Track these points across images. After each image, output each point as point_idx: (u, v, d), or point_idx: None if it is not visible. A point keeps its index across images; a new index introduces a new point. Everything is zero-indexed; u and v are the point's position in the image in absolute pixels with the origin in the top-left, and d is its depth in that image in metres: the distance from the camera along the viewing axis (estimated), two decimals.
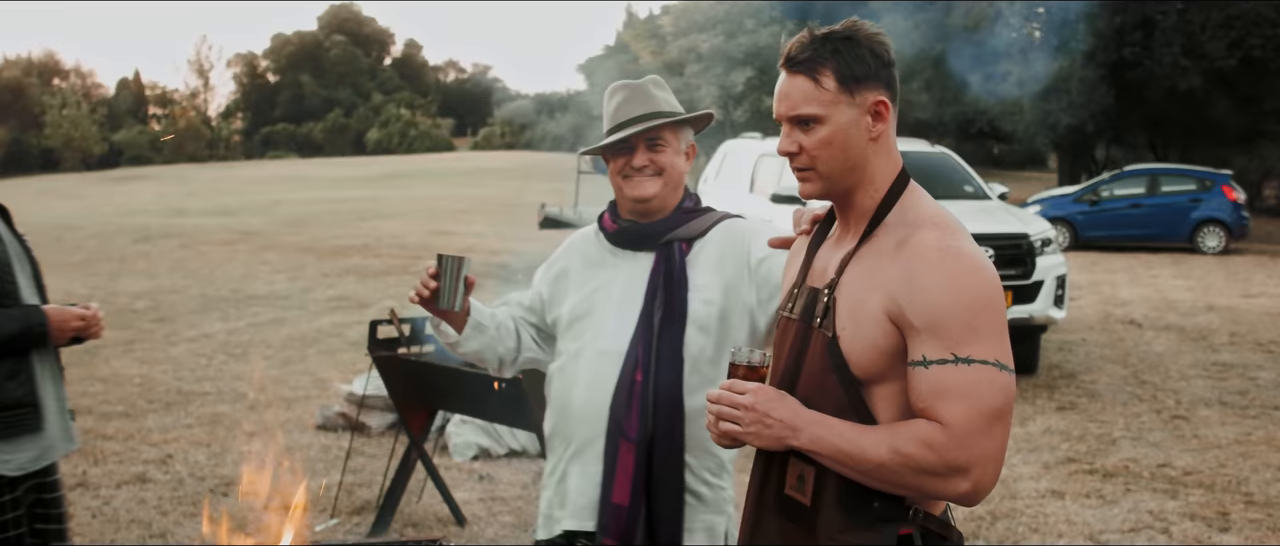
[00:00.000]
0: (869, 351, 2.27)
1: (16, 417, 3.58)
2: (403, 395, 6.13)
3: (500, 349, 3.32)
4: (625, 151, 3.21)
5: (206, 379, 10.13)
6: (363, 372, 10.18)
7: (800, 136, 2.36)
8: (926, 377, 2.19)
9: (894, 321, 2.25)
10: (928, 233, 2.29)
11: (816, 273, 2.47)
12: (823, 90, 2.33)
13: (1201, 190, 23.70)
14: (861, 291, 2.30)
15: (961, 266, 2.23)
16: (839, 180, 2.38)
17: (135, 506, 6.58)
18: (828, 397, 2.31)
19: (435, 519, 6.53)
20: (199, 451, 7.76)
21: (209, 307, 14.30)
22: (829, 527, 2.30)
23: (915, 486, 2.22)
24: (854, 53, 2.33)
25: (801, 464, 2.33)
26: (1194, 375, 10.88)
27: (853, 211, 2.42)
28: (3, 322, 3.54)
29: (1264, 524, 6.74)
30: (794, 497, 2.36)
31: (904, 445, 2.19)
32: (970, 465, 2.17)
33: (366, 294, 15.65)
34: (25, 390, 3.60)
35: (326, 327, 12.98)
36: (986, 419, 2.17)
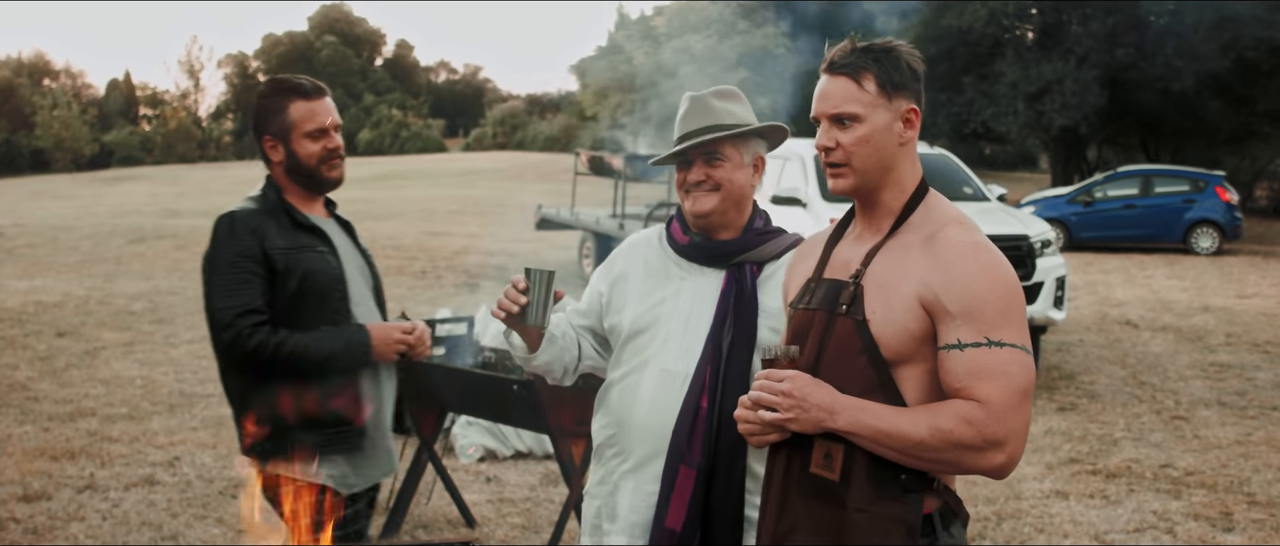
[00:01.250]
0: (900, 334, 2.44)
1: (339, 435, 3.54)
2: (413, 397, 6.15)
3: (566, 358, 3.27)
4: (684, 165, 3.15)
5: (209, 381, 10.12)
6: None
7: (838, 133, 2.56)
8: (962, 359, 2.38)
9: (927, 308, 2.43)
10: (955, 230, 2.51)
11: (837, 266, 2.64)
12: (864, 92, 2.54)
13: (1195, 191, 23.80)
14: (892, 279, 2.48)
15: (993, 260, 2.45)
16: (869, 178, 2.57)
17: (145, 508, 6.59)
18: (856, 378, 2.47)
19: (445, 520, 6.56)
20: (205, 453, 7.77)
21: None
22: (859, 499, 2.44)
23: (953, 461, 2.39)
24: (894, 62, 2.55)
25: (828, 443, 2.47)
26: (1192, 376, 10.94)
27: (878, 210, 2.61)
28: (323, 341, 3.48)
29: (1267, 524, 6.78)
30: (821, 475, 2.49)
31: (944, 422, 2.36)
32: (1006, 439, 2.36)
33: None
34: (351, 411, 3.55)
35: None
36: (1018, 396, 2.37)
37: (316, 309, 3.51)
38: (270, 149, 3.60)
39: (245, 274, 3.43)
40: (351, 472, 3.59)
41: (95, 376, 10.27)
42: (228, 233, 3.48)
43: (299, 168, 3.57)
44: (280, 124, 3.57)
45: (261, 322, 3.41)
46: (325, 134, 3.58)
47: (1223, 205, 23.47)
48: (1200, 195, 23.65)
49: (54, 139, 62.62)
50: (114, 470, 7.35)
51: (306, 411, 3.46)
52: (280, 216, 3.55)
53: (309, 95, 3.59)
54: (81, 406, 9.07)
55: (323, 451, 3.50)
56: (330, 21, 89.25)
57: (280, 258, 3.47)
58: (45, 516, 6.42)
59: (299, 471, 3.47)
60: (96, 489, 6.94)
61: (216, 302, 3.44)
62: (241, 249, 3.45)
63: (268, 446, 3.48)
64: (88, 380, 10.09)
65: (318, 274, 3.52)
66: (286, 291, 3.47)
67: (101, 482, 7.06)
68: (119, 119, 75.95)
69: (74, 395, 9.48)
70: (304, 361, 3.43)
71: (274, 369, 3.42)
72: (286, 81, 3.63)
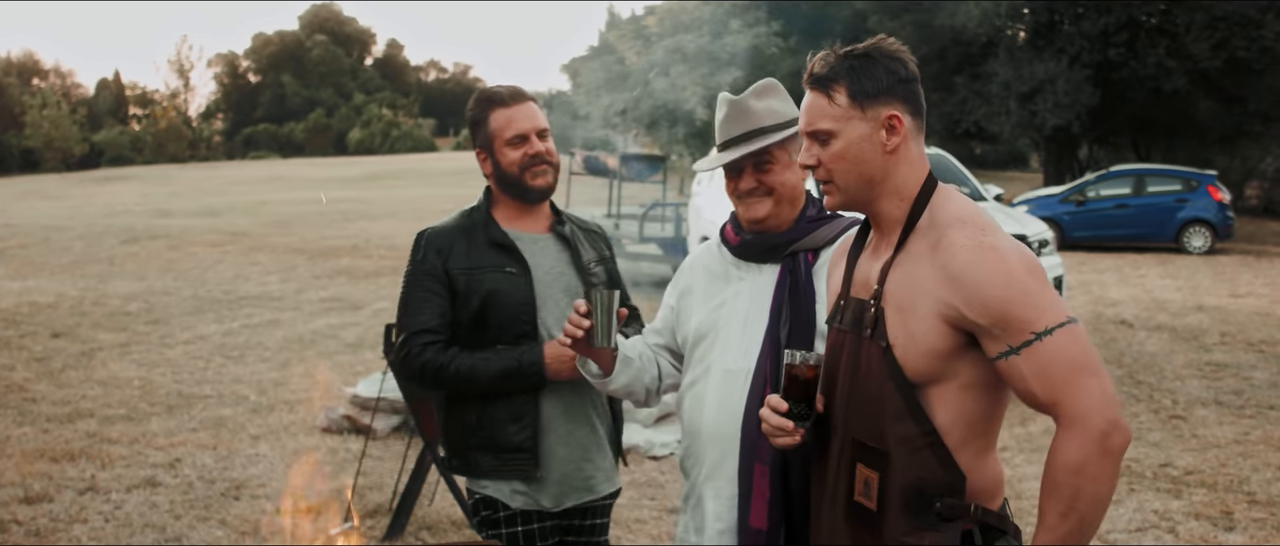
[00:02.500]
0: (925, 356, 2.39)
1: (515, 461, 3.46)
2: (418, 397, 6.14)
3: (645, 379, 3.22)
4: (733, 173, 3.08)
5: (206, 381, 10.11)
6: (364, 375, 10.20)
7: (818, 150, 2.51)
8: (1021, 364, 2.32)
9: (951, 324, 2.37)
10: (957, 232, 2.42)
11: (859, 283, 2.59)
12: (835, 106, 2.48)
13: (1187, 190, 23.86)
14: (908, 298, 2.42)
15: (998, 255, 2.36)
16: (858, 192, 2.51)
17: (148, 510, 6.57)
18: (886, 404, 2.41)
19: (449, 522, 6.55)
20: (206, 454, 7.76)
21: (202, 309, 14.27)
22: (895, 530, 2.40)
23: (1109, 483, 2.31)
24: (867, 70, 2.46)
25: (867, 470, 2.43)
26: (1188, 375, 10.96)
27: (884, 221, 2.55)
28: (492, 361, 3.41)
29: (1268, 523, 6.80)
30: (862, 503, 2.45)
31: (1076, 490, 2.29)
32: (1109, 422, 2.28)
33: (360, 295, 15.64)
34: (527, 436, 3.47)
35: (322, 329, 12.97)
36: (1088, 370, 2.30)
37: (501, 329, 3.46)
38: (482, 162, 3.57)
39: (425, 293, 3.44)
40: (551, 493, 3.52)
41: (92, 377, 10.24)
42: (417, 250, 3.52)
43: (504, 177, 3.52)
44: (485, 135, 3.54)
45: (432, 342, 3.40)
46: (525, 140, 3.51)
47: (1215, 204, 23.52)
48: (1193, 194, 23.71)
49: (44, 139, 62.47)
50: (115, 471, 7.33)
51: (483, 433, 3.47)
52: (476, 233, 3.52)
53: (506, 102, 3.53)
54: (79, 408, 9.05)
55: (501, 473, 3.48)
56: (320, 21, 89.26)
57: (461, 278, 3.45)
58: (47, 518, 6.40)
59: (487, 488, 3.51)
60: (98, 490, 6.92)
61: (399, 319, 3.50)
62: (427, 268, 3.46)
63: (459, 462, 3.55)
64: (85, 381, 10.06)
65: (502, 294, 3.45)
66: (468, 311, 3.44)
67: (103, 484, 7.05)
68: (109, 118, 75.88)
69: (72, 396, 9.46)
70: (471, 382, 3.40)
71: (444, 389, 3.46)
72: (486, 91, 3.59)
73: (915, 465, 2.39)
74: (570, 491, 3.54)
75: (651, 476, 7.49)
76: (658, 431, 8.19)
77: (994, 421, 2.48)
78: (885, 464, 2.41)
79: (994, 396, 2.44)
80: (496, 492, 3.48)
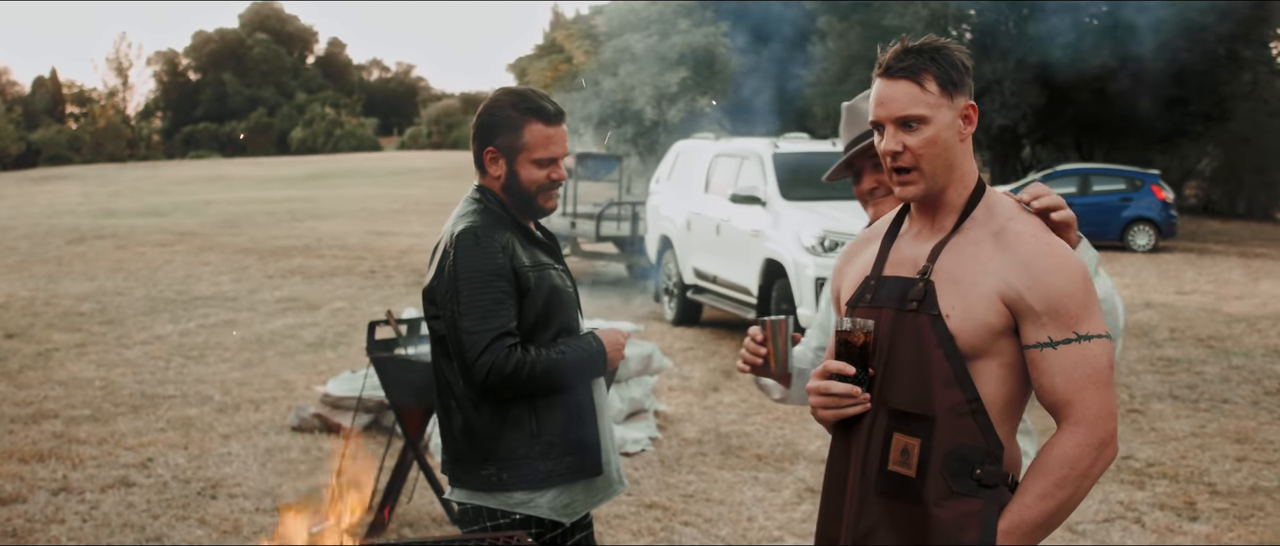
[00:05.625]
0: (979, 329, 2.47)
1: (580, 462, 3.40)
2: (399, 396, 6.15)
3: None
4: (856, 177, 3.16)
5: (168, 382, 10.03)
6: (328, 374, 10.17)
7: (905, 137, 2.55)
8: (1057, 358, 2.44)
9: (1009, 305, 2.47)
10: (1023, 225, 2.53)
11: (898, 264, 2.64)
12: (927, 93, 2.54)
13: (1131, 190, 24.24)
14: (967, 275, 2.51)
15: (1067, 254, 2.49)
16: (939, 179, 2.58)
17: (124, 510, 6.53)
18: (935, 373, 2.49)
19: (430, 519, 6.57)
20: (178, 454, 7.71)
21: (156, 309, 14.13)
22: (935, 495, 2.46)
23: (1092, 483, 2.47)
24: (949, 61, 2.56)
25: (906, 438, 2.50)
26: (1143, 370, 11.16)
27: (943, 207, 2.61)
28: (567, 353, 3.34)
29: (1230, 512, 6.96)
30: (898, 472, 2.51)
31: (1062, 479, 2.43)
32: (1109, 434, 2.45)
33: (315, 295, 15.55)
34: (590, 432, 3.42)
35: (281, 329, 12.89)
36: (1105, 384, 2.45)
37: (556, 328, 3.41)
38: (490, 161, 3.43)
39: (500, 294, 3.28)
40: (581, 498, 3.47)
41: (52, 378, 10.13)
42: (476, 250, 3.31)
43: (517, 190, 3.41)
44: (513, 143, 3.39)
45: (515, 344, 3.27)
46: (554, 163, 3.42)
47: (1159, 203, 23.92)
48: (1137, 194, 24.10)
49: None
50: (87, 472, 7.27)
51: (546, 437, 3.37)
52: (516, 231, 3.42)
53: (550, 120, 3.41)
54: (43, 408, 8.95)
55: (563, 478, 3.39)
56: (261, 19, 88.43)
57: (531, 276, 3.35)
58: (23, 519, 6.34)
59: (533, 504, 3.38)
60: (72, 491, 6.87)
61: (470, 325, 3.25)
62: (496, 267, 3.29)
63: (509, 476, 3.36)
64: (45, 382, 9.95)
65: (559, 292, 3.41)
66: (534, 310, 3.35)
67: (76, 484, 6.99)
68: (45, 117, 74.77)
69: (33, 397, 9.35)
70: (558, 376, 3.32)
71: (530, 389, 3.31)
72: (531, 99, 3.43)
73: (960, 431, 2.46)
74: (607, 486, 3.53)
75: (626, 471, 7.53)
76: (629, 428, 8.24)
77: (1024, 404, 2.59)
78: (929, 429, 2.47)
79: (1028, 381, 2.54)
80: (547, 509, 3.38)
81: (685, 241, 13.55)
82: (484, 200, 3.45)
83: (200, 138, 79.29)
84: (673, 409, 9.34)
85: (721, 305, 12.68)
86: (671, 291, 14.09)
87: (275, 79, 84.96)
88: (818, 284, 10.37)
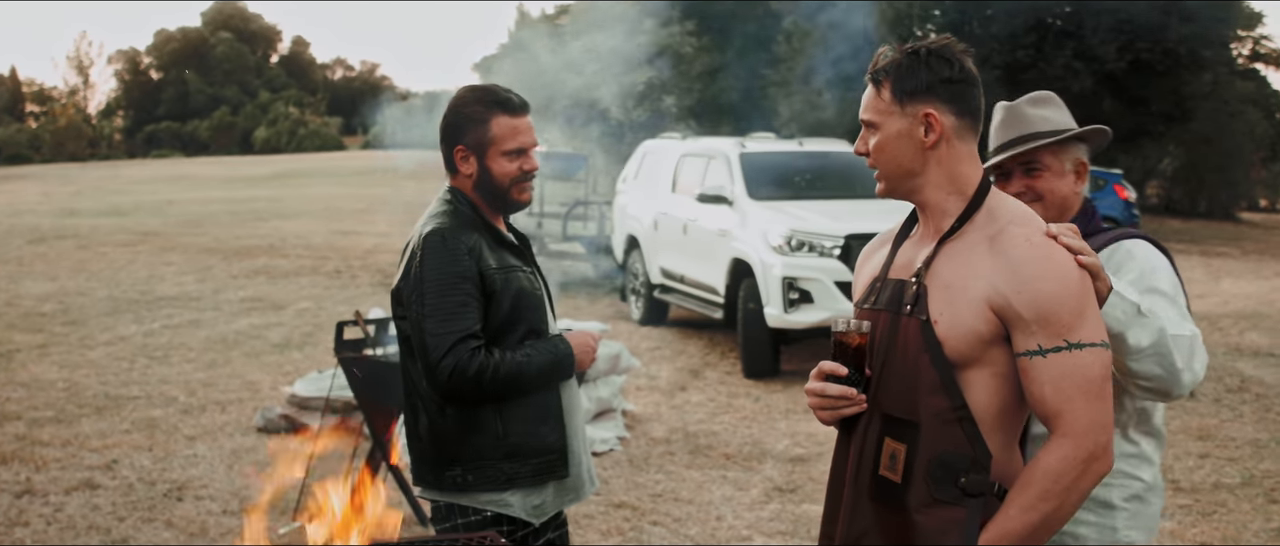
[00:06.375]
0: (966, 336, 2.45)
1: (546, 463, 3.39)
2: (368, 396, 6.13)
3: None
4: (1002, 178, 3.05)
5: (132, 382, 9.96)
6: (295, 375, 10.12)
7: (868, 139, 2.63)
8: (1046, 367, 2.40)
9: (997, 311, 2.44)
10: (1021, 228, 2.50)
11: (900, 266, 2.66)
12: (880, 100, 2.59)
13: (1094, 189, 24.43)
14: (957, 281, 2.50)
15: (1061, 258, 2.45)
16: (897, 182, 2.62)
17: (89, 512, 6.48)
18: (921, 379, 2.48)
19: None
20: (142, 456, 7.66)
21: (119, 310, 14.02)
22: (918, 502, 2.46)
23: (1081, 498, 2.42)
24: (912, 69, 2.56)
25: (894, 443, 2.50)
26: None
27: (932, 210, 2.63)
28: (534, 357, 3.33)
29: (1194, 508, 7.03)
30: (887, 477, 2.51)
31: (1045, 492, 2.39)
32: (1100, 447, 2.41)
33: (280, 295, 15.47)
34: (557, 435, 3.42)
35: (245, 329, 12.82)
36: (1098, 395, 2.40)
37: (523, 330, 3.40)
38: (461, 160, 3.43)
39: (465, 296, 3.27)
40: (551, 498, 3.47)
41: (14, 379, 10.04)
42: (442, 253, 3.30)
43: (490, 185, 3.42)
44: (478, 137, 3.39)
45: (479, 346, 3.27)
46: (524, 154, 3.42)
47: (1121, 203, 24.13)
48: (1100, 193, 24.31)
49: None
50: (50, 474, 7.20)
51: (511, 439, 3.37)
52: (484, 233, 3.41)
53: (515, 111, 3.41)
54: (4, 410, 8.87)
55: (529, 480, 3.39)
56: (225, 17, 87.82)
57: (497, 278, 3.34)
58: None
59: (500, 503, 3.39)
60: (35, 493, 6.81)
61: (434, 327, 3.26)
62: (461, 270, 3.29)
63: (474, 477, 3.36)
64: (7, 383, 9.86)
65: (527, 295, 3.40)
66: (500, 313, 3.34)
67: (39, 487, 6.92)
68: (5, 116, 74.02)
69: None
70: (519, 382, 3.31)
71: (494, 392, 3.30)
72: (493, 93, 3.43)
73: (944, 438, 2.45)
74: (578, 487, 3.54)
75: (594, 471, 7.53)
76: (598, 428, 8.24)
77: (1022, 414, 2.55)
78: (914, 435, 2.47)
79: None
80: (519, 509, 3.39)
81: (652, 241, 13.55)
82: (454, 202, 3.44)
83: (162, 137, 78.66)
84: (640, 408, 9.34)
85: (688, 305, 12.69)
86: (638, 291, 14.09)
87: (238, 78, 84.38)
88: (785, 283, 10.39)
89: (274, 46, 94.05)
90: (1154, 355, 2.69)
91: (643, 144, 15.89)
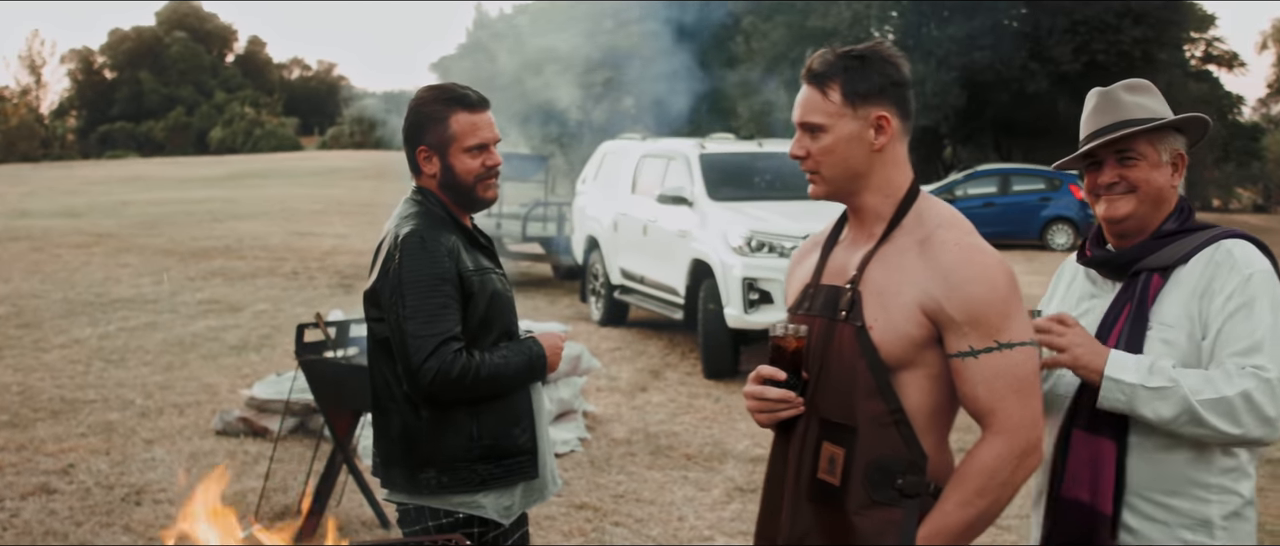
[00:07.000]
0: (901, 340, 2.49)
1: (518, 465, 3.39)
2: (329, 398, 6.10)
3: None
4: (1093, 168, 2.87)
5: (89, 386, 9.86)
6: (252, 377, 10.04)
7: (808, 142, 2.62)
8: (978, 367, 2.46)
9: (929, 315, 2.48)
10: (949, 232, 2.54)
11: (833, 272, 2.67)
12: (829, 102, 2.59)
13: (1050, 189, 24.68)
14: (890, 286, 2.52)
15: (989, 261, 2.49)
16: (841, 184, 2.63)
17: (46, 518, 6.41)
18: (857, 384, 2.51)
19: (360, 522, 6.51)
20: (100, 460, 7.58)
21: (74, 312, 13.87)
22: (856, 504, 2.50)
23: (1014, 492, 2.48)
24: (862, 72, 2.58)
25: (832, 447, 2.54)
26: None
27: (866, 214, 2.65)
28: (511, 358, 3.33)
29: None
30: (825, 480, 2.55)
31: (981, 487, 2.46)
32: (1032, 443, 2.47)
33: (237, 297, 15.35)
34: (527, 437, 3.43)
35: (203, 332, 12.72)
36: (1028, 393, 2.46)
37: (497, 332, 3.40)
38: (424, 161, 3.41)
39: (446, 298, 3.25)
40: (519, 499, 3.48)
41: None
42: (421, 254, 3.28)
43: (455, 183, 3.40)
44: (439, 135, 3.37)
45: (460, 348, 3.25)
46: (485, 150, 3.40)
47: (1077, 203, 24.38)
48: (1056, 193, 24.55)
49: None
50: (6, 479, 7.12)
51: (485, 441, 3.36)
52: (459, 234, 3.40)
53: (473, 107, 3.39)
54: None
55: (501, 482, 3.39)
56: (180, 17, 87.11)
57: (474, 280, 3.33)
58: None
59: (473, 505, 3.39)
60: None
61: (416, 329, 3.23)
62: (442, 272, 3.27)
63: (447, 479, 3.35)
64: None
65: (501, 297, 3.40)
66: (476, 315, 3.33)
67: None
68: None
69: None
70: (501, 382, 3.32)
71: (473, 395, 3.29)
72: (450, 90, 3.42)
73: (881, 441, 2.50)
74: (543, 487, 3.55)
75: None
76: (559, 429, 8.23)
77: (953, 413, 2.60)
78: (852, 439, 2.50)
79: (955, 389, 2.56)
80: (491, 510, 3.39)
81: (612, 242, 13.55)
82: (425, 202, 3.43)
83: (117, 137, 77.91)
84: (601, 409, 9.34)
85: (648, 305, 12.70)
86: (598, 292, 14.09)
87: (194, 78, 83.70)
88: (745, 284, 10.42)
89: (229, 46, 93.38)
90: (1189, 422, 2.59)
91: (602, 145, 15.89)
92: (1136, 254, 2.81)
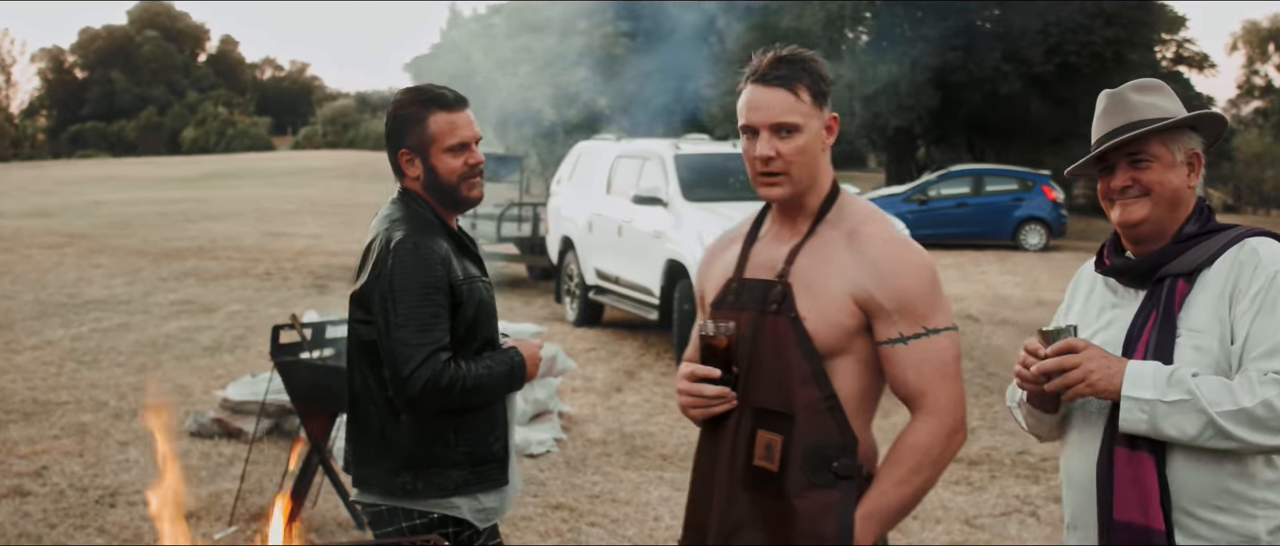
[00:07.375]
0: (833, 329, 2.62)
1: (488, 472, 3.39)
2: (305, 399, 6.09)
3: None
4: (1106, 171, 2.77)
5: (61, 388, 9.81)
6: (226, 378, 10.01)
7: (778, 143, 2.67)
8: (908, 352, 2.61)
9: (860, 304, 2.62)
10: (874, 226, 2.69)
11: (758, 267, 2.77)
12: (801, 103, 2.66)
13: (1023, 190, 24.83)
14: (819, 277, 2.64)
15: (913, 252, 2.67)
16: (802, 184, 2.72)
17: (20, 520, 6.38)
18: (794, 372, 2.62)
19: (335, 523, 6.51)
20: (73, 462, 7.55)
21: (47, 313, 13.79)
22: (796, 487, 2.60)
23: (942, 469, 2.65)
24: (819, 73, 2.70)
25: (769, 434, 2.63)
26: None
27: (800, 211, 2.76)
28: (494, 367, 3.32)
29: None
30: (763, 467, 2.64)
31: (912, 461, 2.62)
32: (957, 423, 2.63)
33: (211, 298, 15.29)
34: (501, 445, 3.45)
35: (176, 333, 12.67)
36: (954, 376, 2.64)
37: (481, 341, 3.40)
38: (407, 163, 3.39)
39: (437, 307, 3.24)
40: (492, 503, 3.49)
41: None
42: (414, 261, 3.24)
43: (438, 184, 3.38)
44: (419, 137, 3.36)
45: (449, 357, 3.24)
46: (467, 148, 3.38)
47: (1049, 203, 24.54)
48: (1028, 194, 24.70)
49: None
50: None
51: (461, 447, 3.37)
52: (449, 239, 3.38)
53: (451, 107, 3.37)
54: None
55: (474, 487, 3.41)
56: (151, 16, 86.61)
57: (463, 289, 3.31)
58: None
59: (452, 508, 3.40)
60: None
61: (408, 337, 3.20)
62: (434, 280, 3.24)
63: (421, 483, 3.35)
64: None
65: (486, 305, 3.40)
66: (464, 322, 3.33)
67: None
68: None
69: None
70: (484, 392, 3.32)
71: (458, 404, 3.29)
72: (426, 91, 3.40)
73: (817, 427, 2.61)
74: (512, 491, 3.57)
75: (531, 473, 7.54)
76: (534, 429, 8.24)
77: (878, 397, 2.74)
78: (789, 426, 2.61)
79: (882, 374, 2.69)
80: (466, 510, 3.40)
81: (587, 242, 13.56)
82: (412, 205, 3.41)
83: (88, 137, 77.42)
84: (577, 409, 9.36)
85: (623, 306, 12.72)
86: (573, 292, 14.10)
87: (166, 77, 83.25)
88: None
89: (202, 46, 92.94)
90: (1216, 436, 2.51)
91: (577, 145, 15.90)
92: (1159, 260, 2.71)
